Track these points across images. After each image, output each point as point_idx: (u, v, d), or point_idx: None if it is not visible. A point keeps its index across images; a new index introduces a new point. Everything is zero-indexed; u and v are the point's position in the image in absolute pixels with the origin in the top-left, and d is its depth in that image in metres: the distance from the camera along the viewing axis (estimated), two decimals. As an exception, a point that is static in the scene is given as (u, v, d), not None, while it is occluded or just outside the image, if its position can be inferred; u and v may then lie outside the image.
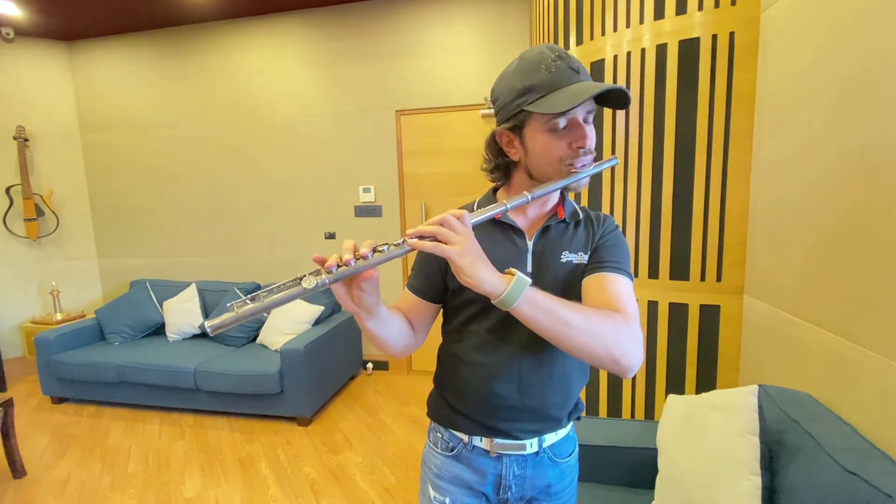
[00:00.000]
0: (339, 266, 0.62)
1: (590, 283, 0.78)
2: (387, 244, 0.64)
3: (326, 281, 0.61)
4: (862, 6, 1.03)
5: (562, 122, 0.74)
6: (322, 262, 0.63)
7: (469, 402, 0.86)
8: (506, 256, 0.82)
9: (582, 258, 0.82)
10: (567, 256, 0.82)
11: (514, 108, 0.76)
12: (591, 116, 0.77)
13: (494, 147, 0.85)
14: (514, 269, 0.66)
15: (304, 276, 0.61)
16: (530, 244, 0.83)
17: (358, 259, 0.63)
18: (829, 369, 1.14)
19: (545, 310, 0.66)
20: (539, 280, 0.81)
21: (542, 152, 0.77)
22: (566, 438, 0.91)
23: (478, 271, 0.64)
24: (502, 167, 0.86)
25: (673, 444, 1.24)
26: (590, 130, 0.76)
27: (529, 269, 0.83)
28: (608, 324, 0.68)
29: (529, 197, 0.73)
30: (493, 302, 0.65)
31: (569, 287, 0.81)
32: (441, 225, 0.65)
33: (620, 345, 0.68)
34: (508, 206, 0.72)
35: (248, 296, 0.62)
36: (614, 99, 0.75)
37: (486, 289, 0.64)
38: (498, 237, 0.85)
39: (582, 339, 0.67)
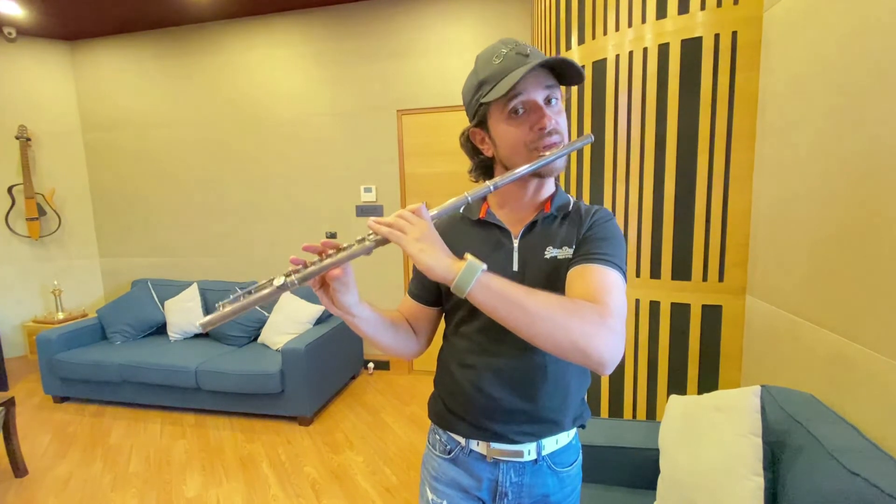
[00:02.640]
0: (306, 266, 0.65)
1: (572, 274, 0.75)
2: (352, 243, 0.67)
3: (295, 280, 0.65)
4: (865, 5, 1.03)
5: (519, 108, 0.74)
6: (295, 262, 0.66)
7: (464, 403, 0.85)
8: (493, 258, 0.81)
9: (566, 252, 0.79)
10: (551, 252, 0.80)
11: (475, 103, 0.78)
12: (554, 98, 0.76)
13: (469, 147, 0.86)
14: (468, 255, 0.65)
15: (276, 277, 0.65)
16: (516, 242, 0.82)
17: (325, 259, 0.66)
18: (831, 370, 1.14)
19: (501, 296, 0.63)
20: (523, 277, 0.80)
21: (507, 141, 0.77)
22: (568, 447, 0.88)
23: (427, 258, 0.64)
24: (481, 166, 0.87)
25: (675, 444, 1.24)
26: (553, 112, 0.75)
27: (516, 267, 0.81)
28: (575, 313, 0.64)
29: (492, 187, 0.72)
30: (451, 289, 0.64)
31: (553, 283, 0.77)
32: (399, 217, 0.66)
33: (588, 336, 0.62)
34: (469, 198, 0.71)
35: (232, 297, 0.66)
36: (569, 75, 0.75)
37: (438, 274, 0.64)
38: (483, 238, 0.84)
39: (543, 329, 0.62)
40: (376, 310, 0.79)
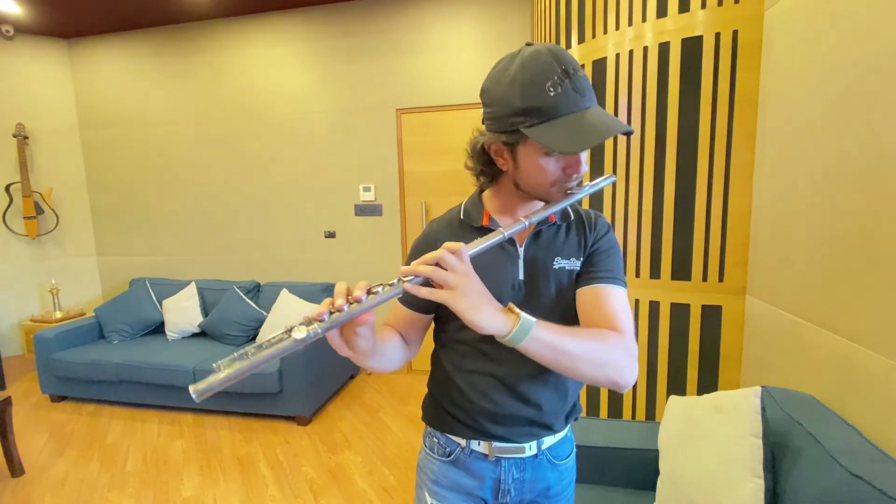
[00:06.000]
0: (331, 313, 0.59)
1: (585, 295, 0.78)
2: (381, 285, 0.62)
3: (319, 331, 0.58)
4: (865, 4, 1.02)
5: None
6: (314, 316, 0.59)
7: (464, 409, 0.84)
8: (496, 265, 0.80)
9: (574, 264, 0.81)
10: (559, 263, 0.80)
11: (510, 125, 0.71)
12: None
13: (483, 155, 0.80)
14: (514, 307, 0.65)
15: (295, 326, 0.58)
16: (521, 251, 0.81)
17: (351, 304, 0.60)
18: (832, 371, 1.13)
19: (549, 346, 0.66)
20: (531, 288, 0.80)
21: (534, 173, 0.74)
22: (564, 440, 0.90)
23: (478, 315, 0.62)
24: (489, 173, 0.83)
25: (674, 445, 1.23)
26: (583, 153, 0.74)
27: (521, 276, 0.81)
28: (608, 350, 0.70)
29: (527, 223, 0.71)
30: (498, 339, 0.65)
31: (561, 294, 0.80)
32: (437, 264, 0.62)
33: (620, 368, 0.70)
34: (506, 234, 0.70)
35: (236, 353, 0.56)
36: None
37: (490, 332, 0.64)
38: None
39: (584, 369, 0.68)
40: (381, 341, 0.76)
